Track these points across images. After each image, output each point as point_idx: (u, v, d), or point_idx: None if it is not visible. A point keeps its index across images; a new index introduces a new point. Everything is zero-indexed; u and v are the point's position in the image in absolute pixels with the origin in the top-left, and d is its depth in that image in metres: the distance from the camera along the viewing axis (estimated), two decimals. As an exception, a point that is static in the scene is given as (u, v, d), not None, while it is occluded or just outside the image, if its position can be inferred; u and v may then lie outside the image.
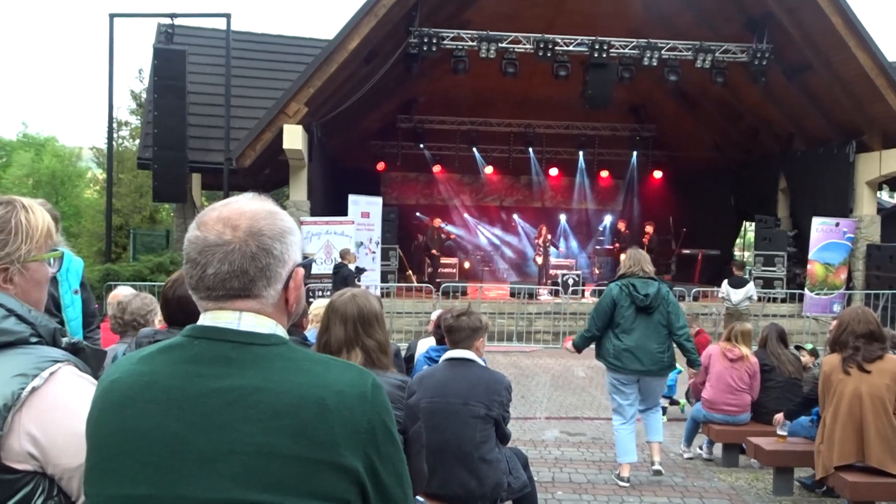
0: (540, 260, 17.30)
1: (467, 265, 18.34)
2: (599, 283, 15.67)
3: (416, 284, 14.95)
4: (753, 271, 14.91)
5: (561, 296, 14.17)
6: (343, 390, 1.14)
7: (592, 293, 14.79)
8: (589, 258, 20.04)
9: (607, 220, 21.46)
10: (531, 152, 20.89)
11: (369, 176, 19.81)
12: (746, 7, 14.09)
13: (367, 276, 13.36)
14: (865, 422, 4.28)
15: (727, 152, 19.09)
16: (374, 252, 14.49)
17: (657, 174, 21.16)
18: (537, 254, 17.49)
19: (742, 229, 22.20)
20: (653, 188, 21.35)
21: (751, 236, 23.11)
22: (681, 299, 13.47)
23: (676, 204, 20.07)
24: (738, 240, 23.28)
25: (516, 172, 21.79)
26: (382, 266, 14.63)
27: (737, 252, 22.86)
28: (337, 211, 14.49)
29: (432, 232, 16.81)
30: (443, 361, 3.69)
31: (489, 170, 21.18)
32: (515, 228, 21.64)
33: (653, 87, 17.78)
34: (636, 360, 5.17)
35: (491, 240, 21.42)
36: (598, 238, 21.08)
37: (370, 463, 1.14)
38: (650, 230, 17.37)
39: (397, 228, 15.46)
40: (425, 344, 5.04)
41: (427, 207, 21.10)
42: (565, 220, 21.87)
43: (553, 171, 21.41)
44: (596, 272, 18.44)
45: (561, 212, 22.06)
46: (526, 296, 14.30)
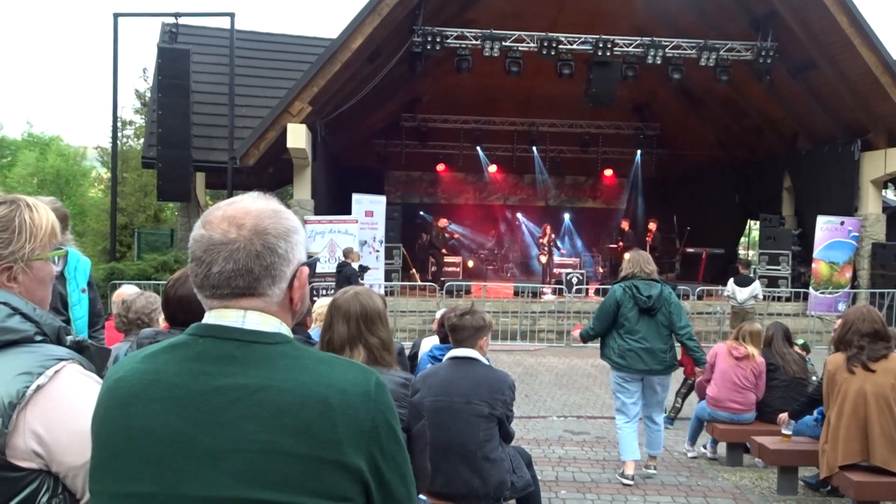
0: (544, 259, 17.29)
1: (471, 264, 18.34)
2: (603, 282, 15.66)
3: (420, 283, 14.95)
4: (758, 270, 14.88)
5: (565, 294, 14.16)
6: (347, 389, 1.14)
7: (596, 292, 14.77)
8: (593, 257, 20.03)
9: (613, 219, 21.46)
10: (535, 151, 20.89)
11: (373, 175, 19.83)
12: (751, 5, 14.06)
13: (371, 275, 13.37)
14: (870, 421, 4.27)
15: (731, 151, 19.05)
16: (378, 251, 14.50)
17: (661, 172, 21.13)
18: (541, 253, 17.48)
19: (746, 228, 22.16)
20: (657, 186, 21.32)
21: (755, 235, 23.06)
22: (685, 298, 13.49)
23: (681, 202, 20.05)
24: (743, 238, 23.23)
25: (520, 171, 21.79)
26: (386, 265, 14.64)
27: (741, 251, 22.82)
28: (341, 210, 14.50)
29: (437, 231, 16.83)
30: (446, 360, 3.70)
31: (493, 168, 21.17)
32: (520, 227, 21.65)
33: (657, 86, 17.76)
34: (640, 360, 5.25)
35: (497, 236, 21.41)
36: (602, 237, 21.07)
37: (373, 461, 1.14)
38: (653, 227, 17.35)
39: (401, 227, 15.47)
40: (429, 342, 5.04)
41: (431, 206, 21.12)
42: (569, 219, 21.86)
43: (556, 170, 21.41)
44: (600, 271, 18.43)
45: (565, 210, 22.06)
46: (530, 294, 14.29)
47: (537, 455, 6.01)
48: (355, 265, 11.29)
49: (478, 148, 20.47)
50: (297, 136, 12.61)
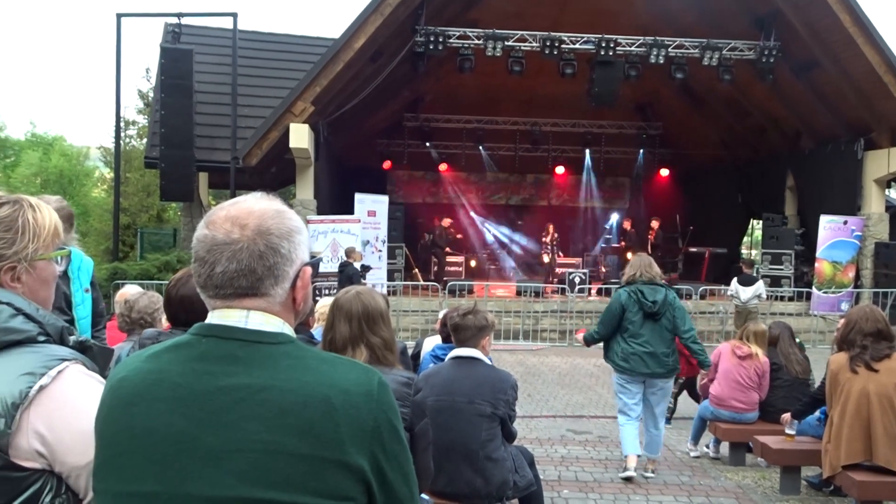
0: (547, 258, 17.28)
1: (473, 263, 18.34)
2: (606, 282, 15.65)
3: (423, 283, 14.95)
4: (761, 269, 14.86)
5: (567, 294, 14.15)
6: (349, 389, 1.15)
7: (599, 291, 14.77)
8: (595, 257, 20.02)
9: (614, 219, 21.43)
10: (538, 150, 20.86)
11: (375, 174, 19.83)
12: (753, 4, 14.04)
13: (374, 275, 13.37)
14: (873, 421, 4.26)
15: (734, 150, 19.02)
16: (381, 250, 14.51)
17: (664, 172, 21.11)
18: (544, 252, 17.48)
19: (749, 227, 22.13)
20: (660, 186, 21.30)
21: (758, 234, 23.02)
22: (687, 297, 13.47)
23: (683, 202, 20.03)
24: (746, 238, 23.21)
25: (523, 171, 21.77)
26: (389, 264, 14.65)
27: (744, 250, 22.80)
28: (343, 209, 14.52)
29: (441, 231, 16.83)
30: (449, 360, 3.69)
31: (495, 168, 21.16)
32: (523, 227, 21.63)
33: (659, 85, 17.73)
34: (643, 364, 5.32)
35: (498, 238, 21.40)
36: (605, 236, 21.05)
37: (376, 461, 1.14)
38: (656, 226, 17.34)
39: (403, 227, 15.47)
40: (431, 342, 5.04)
41: (433, 206, 21.11)
42: (572, 219, 21.84)
43: (560, 170, 21.38)
44: (602, 270, 18.41)
45: (568, 210, 22.04)
46: (532, 294, 14.29)
47: (540, 454, 6.01)
48: (357, 265, 11.30)
49: (480, 147, 20.45)
50: (300, 136, 12.62)
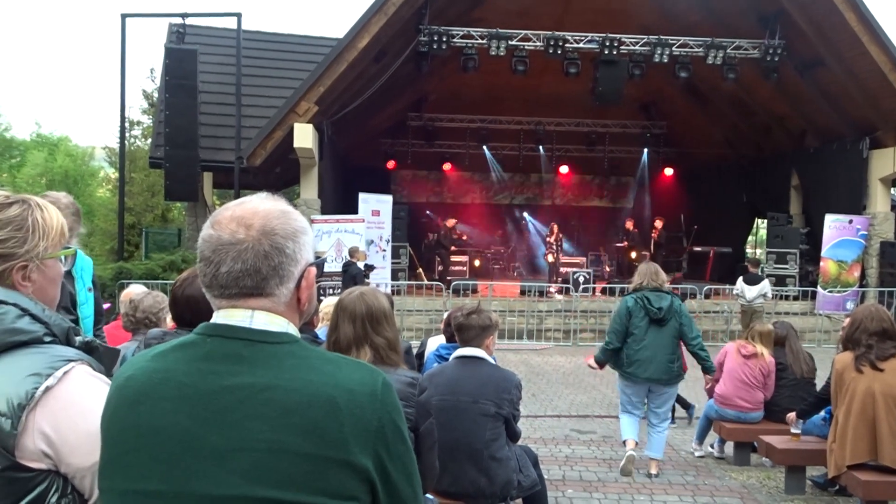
0: (551, 258, 17.27)
1: (478, 263, 18.33)
2: (610, 281, 15.64)
3: (427, 282, 14.96)
4: (765, 269, 14.82)
5: (571, 294, 14.14)
6: (353, 389, 1.15)
7: (603, 291, 14.75)
8: (599, 256, 19.99)
9: (618, 218, 21.41)
10: (541, 150, 20.85)
11: (379, 174, 19.85)
12: (758, 3, 13.99)
13: (378, 274, 13.39)
14: (878, 420, 4.25)
15: (739, 149, 18.98)
16: (385, 250, 14.52)
17: (668, 171, 21.08)
18: (549, 252, 17.46)
19: (754, 226, 22.07)
20: (664, 185, 21.26)
21: (763, 233, 22.97)
22: (692, 297, 13.45)
23: (688, 201, 19.99)
24: (750, 237, 23.15)
25: (527, 170, 21.76)
26: (393, 264, 14.66)
27: (749, 249, 22.73)
28: (347, 209, 14.53)
29: (446, 232, 16.83)
30: (453, 359, 3.70)
31: (499, 167, 21.16)
32: (526, 226, 21.62)
33: (664, 84, 17.70)
34: (647, 369, 5.40)
35: (504, 235, 21.39)
36: (609, 236, 21.02)
37: (380, 461, 1.15)
38: (659, 225, 17.31)
39: (407, 226, 15.47)
40: (435, 342, 5.04)
41: (437, 205, 21.12)
42: (575, 218, 21.83)
43: (563, 169, 21.37)
44: (607, 270, 18.38)
45: (572, 209, 22.03)
46: (536, 293, 14.28)
47: (544, 454, 6.02)
48: (361, 264, 11.31)
49: (484, 147, 20.45)
50: (304, 136, 12.63)
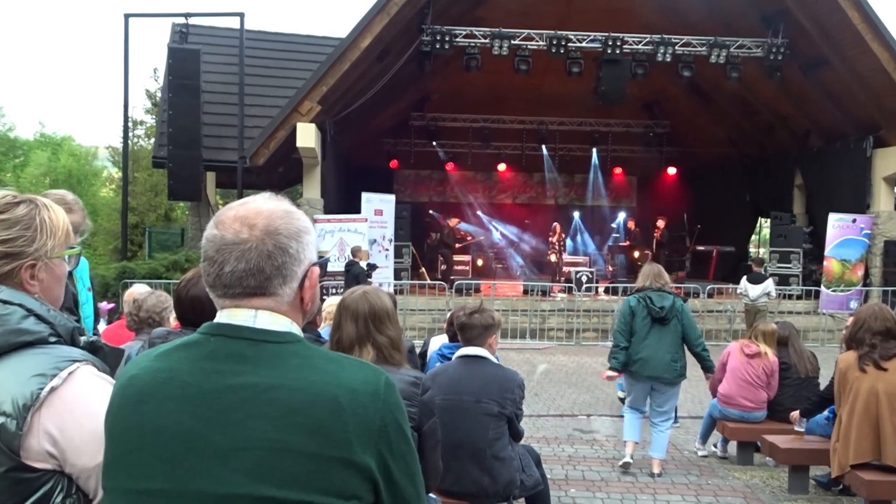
0: (554, 257, 17.27)
1: (480, 262, 18.33)
2: (613, 281, 15.62)
3: (430, 282, 14.96)
4: (769, 268, 14.80)
5: (574, 293, 14.14)
6: (356, 388, 1.15)
7: (606, 290, 14.74)
8: (602, 255, 19.98)
9: (621, 217, 21.39)
10: (544, 149, 20.84)
11: (382, 173, 19.85)
12: (761, 2, 13.97)
13: (381, 274, 13.39)
14: (882, 420, 4.25)
15: (742, 148, 18.95)
16: (388, 249, 14.52)
17: (671, 170, 21.05)
18: (551, 251, 17.46)
19: (757, 226, 22.03)
20: (667, 184, 21.24)
21: (766, 233, 22.92)
22: (695, 296, 13.44)
23: (691, 200, 19.96)
24: (754, 236, 23.11)
25: (529, 169, 21.75)
26: (396, 263, 14.66)
27: (752, 249, 22.71)
28: (350, 208, 14.53)
29: (449, 231, 16.83)
30: (456, 359, 3.70)
31: (502, 167, 21.15)
32: (529, 226, 21.60)
33: (667, 83, 17.67)
34: (649, 368, 5.44)
35: (507, 236, 21.38)
36: (613, 235, 21.00)
37: (383, 461, 1.15)
38: (661, 225, 17.30)
39: (410, 226, 15.48)
40: (438, 341, 5.04)
41: (440, 205, 21.11)
42: (579, 217, 21.81)
43: (566, 168, 21.34)
44: (609, 269, 18.37)
45: (575, 209, 22.01)
46: (539, 293, 14.27)
47: (547, 453, 6.01)
48: (363, 264, 11.32)
49: (487, 146, 20.43)
50: (307, 136, 12.64)
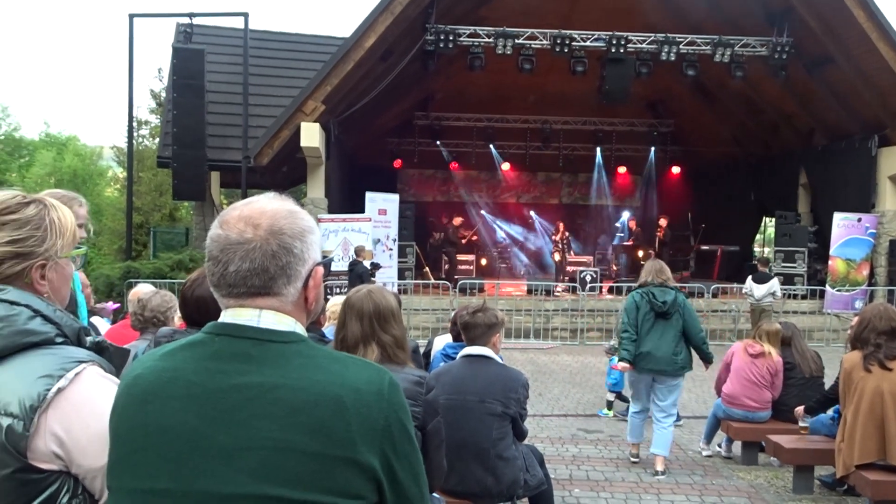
0: (558, 257, 17.25)
1: (484, 262, 18.32)
2: (618, 280, 15.60)
3: (433, 281, 14.96)
4: (774, 267, 14.76)
5: (578, 292, 14.12)
6: (360, 388, 1.15)
7: (610, 290, 14.71)
8: (607, 255, 19.95)
9: (625, 217, 21.36)
10: (548, 148, 20.81)
11: (386, 173, 19.86)
12: (766, 1, 13.93)
13: (384, 273, 13.40)
14: (887, 420, 4.24)
15: (747, 147, 18.90)
16: (392, 249, 14.53)
17: (675, 169, 21.01)
18: (555, 250, 17.44)
19: (762, 225, 21.97)
20: (671, 183, 21.20)
21: (771, 232, 22.87)
22: (699, 296, 13.42)
23: (695, 199, 19.92)
24: (758, 236, 23.05)
25: (533, 169, 21.73)
26: (399, 263, 14.66)
27: (756, 248, 22.65)
28: (354, 208, 14.54)
29: (452, 231, 16.83)
30: (460, 358, 3.70)
31: (506, 166, 21.14)
32: (533, 225, 21.59)
33: (671, 82, 17.64)
34: (651, 361, 5.54)
35: (511, 235, 21.37)
36: (617, 234, 20.98)
37: (386, 460, 1.15)
38: (664, 224, 17.28)
39: (414, 225, 15.49)
40: (442, 341, 5.04)
41: (444, 204, 21.11)
42: (582, 217, 21.79)
43: (571, 167, 21.31)
44: (613, 268, 18.34)
45: (578, 208, 21.99)
46: (543, 292, 14.26)
47: (551, 453, 6.01)
48: (367, 263, 11.32)
49: (491, 146, 20.42)
50: (311, 135, 12.65)
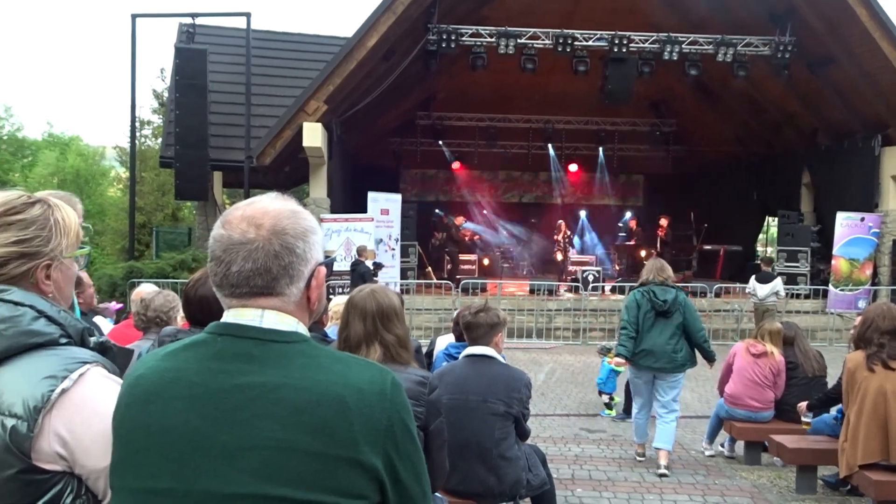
0: (559, 255, 17.25)
1: (486, 262, 18.32)
2: (619, 280, 15.58)
3: (436, 281, 14.97)
4: (777, 267, 14.74)
5: (581, 292, 14.11)
6: (363, 388, 1.15)
7: (613, 289, 14.70)
8: (609, 254, 19.94)
9: (627, 216, 21.33)
10: (550, 148, 20.81)
11: (388, 173, 19.87)
12: (769, 0, 13.91)
13: (387, 273, 13.40)
14: (890, 420, 4.23)
15: (749, 147, 18.88)
16: (394, 249, 14.53)
17: (678, 169, 20.98)
18: (557, 250, 17.44)
19: (765, 224, 21.94)
20: (674, 183, 21.17)
21: (773, 231, 22.83)
22: (702, 296, 13.40)
23: (698, 199, 19.90)
24: (761, 235, 23.02)
25: (535, 168, 21.72)
26: (402, 263, 14.67)
27: (759, 248, 22.61)
28: (356, 208, 14.55)
29: (455, 231, 16.83)
30: (462, 358, 3.70)
31: (508, 166, 21.13)
32: (535, 225, 21.58)
33: (673, 82, 17.62)
34: (652, 358, 5.61)
35: (514, 234, 21.36)
36: (619, 234, 20.96)
37: (389, 460, 1.15)
38: (665, 223, 17.26)
39: (416, 225, 15.49)
40: (444, 340, 5.04)
41: (446, 204, 21.11)
42: (585, 217, 21.77)
43: (573, 167, 21.31)
44: (616, 268, 18.33)
45: (581, 208, 21.97)
46: (545, 292, 14.26)
47: (553, 453, 6.01)
48: (369, 263, 11.32)
49: (493, 146, 20.41)
50: (313, 135, 12.66)
